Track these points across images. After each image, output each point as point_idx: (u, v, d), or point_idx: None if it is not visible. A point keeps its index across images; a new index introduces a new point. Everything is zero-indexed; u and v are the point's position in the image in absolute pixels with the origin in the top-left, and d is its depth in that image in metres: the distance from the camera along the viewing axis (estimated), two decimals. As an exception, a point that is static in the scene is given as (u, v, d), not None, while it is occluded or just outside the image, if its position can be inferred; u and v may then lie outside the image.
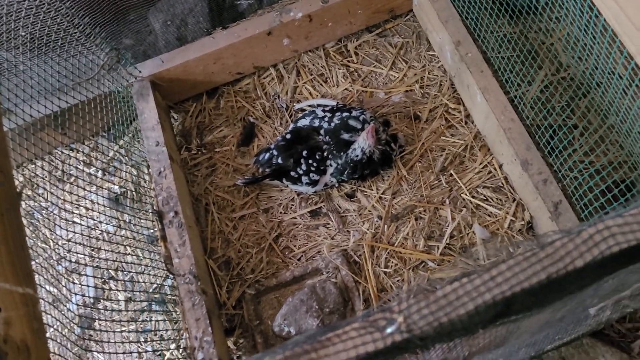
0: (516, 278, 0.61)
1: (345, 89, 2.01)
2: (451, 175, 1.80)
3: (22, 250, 0.83)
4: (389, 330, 0.61)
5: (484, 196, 1.75)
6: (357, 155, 1.74)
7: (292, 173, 1.79)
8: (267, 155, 1.83)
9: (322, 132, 1.80)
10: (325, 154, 1.79)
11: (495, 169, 1.77)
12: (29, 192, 1.92)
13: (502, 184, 1.75)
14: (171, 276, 1.74)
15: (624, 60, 1.26)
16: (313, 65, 2.07)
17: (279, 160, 1.79)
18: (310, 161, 1.77)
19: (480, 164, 1.79)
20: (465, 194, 1.76)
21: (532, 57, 1.78)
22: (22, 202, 1.63)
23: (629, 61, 1.17)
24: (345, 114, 1.81)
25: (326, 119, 1.82)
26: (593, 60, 1.57)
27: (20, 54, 1.35)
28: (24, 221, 0.94)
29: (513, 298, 0.61)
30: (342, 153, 1.77)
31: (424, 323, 0.61)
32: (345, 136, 1.78)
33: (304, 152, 1.78)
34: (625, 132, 1.53)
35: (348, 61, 2.06)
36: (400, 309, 0.62)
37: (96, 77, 1.59)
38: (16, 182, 1.37)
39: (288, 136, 1.82)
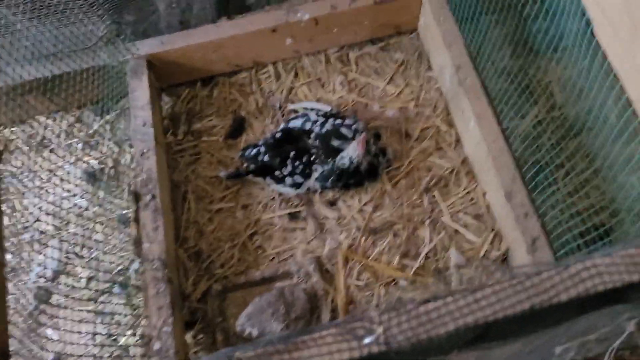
0: (500, 304, 0.60)
1: (341, 97, 2.00)
2: (434, 196, 1.79)
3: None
4: (366, 340, 0.60)
5: (464, 222, 1.75)
6: (345, 164, 1.73)
7: (277, 172, 1.77)
8: (254, 151, 1.80)
9: (312, 135, 1.79)
10: (312, 158, 1.77)
11: (478, 196, 1.77)
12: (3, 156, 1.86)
13: (484, 212, 1.75)
14: (138, 260, 1.70)
15: (618, 108, 1.28)
16: (312, 68, 2.06)
17: (266, 158, 1.77)
18: (297, 163, 1.76)
19: (465, 189, 1.79)
20: (446, 217, 1.75)
21: (529, 92, 1.80)
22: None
23: (623, 110, 1.19)
24: (338, 121, 1.80)
25: (318, 123, 1.80)
26: (588, 105, 1.60)
27: (19, 12, 1.31)
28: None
29: (494, 324, 0.60)
30: (329, 159, 1.75)
31: (402, 337, 0.60)
32: (335, 143, 1.76)
33: (292, 153, 1.76)
34: (610, 179, 1.55)
35: (348, 70, 2.05)
36: (381, 320, 0.61)
37: (93, 48, 1.55)
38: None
39: (278, 135, 1.80)
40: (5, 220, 1.72)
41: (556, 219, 1.51)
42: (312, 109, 1.91)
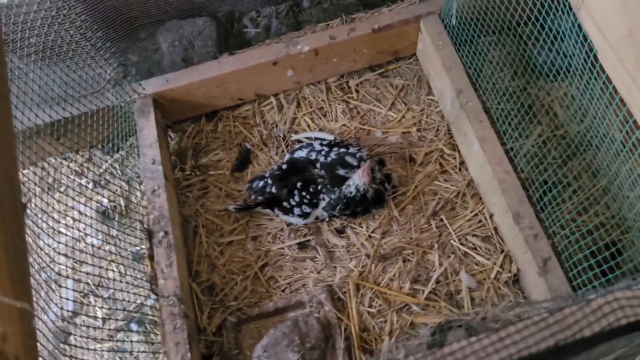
0: (524, 342, 0.62)
1: (344, 125, 2.04)
2: (442, 220, 1.82)
3: (23, 263, 0.82)
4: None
5: (473, 244, 1.77)
6: (351, 192, 1.76)
7: (285, 203, 1.79)
8: (261, 183, 1.83)
9: (318, 165, 1.82)
10: (319, 187, 1.79)
11: (485, 218, 1.79)
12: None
13: (492, 234, 1.77)
14: (152, 296, 1.71)
15: (618, 124, 1.30)
16: (314, 98, 2.10)
17: (273, 190, 1.80)
18: (304, 193, 1.78)
19: (472, 212, 1.82)
20: (455, 241, 1.77)
21: (533, 113, 1.83)
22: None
23: (623, 124, 1.21)
24: (342, 150, 1.83)
25: (323, 152, 1.83)
26: (587, 122, 1.63)
27: (31, 62, 1.34)
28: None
29: (519, 361, 0.62)
30: (336, 188, 1.78)
31: (429, 381, 0.61)
32: (341, 172, 1.79)
33: (299, 184, 1.79)
34: (621, 197, 1.57)
35: (348, 97, 2.09)
36: (407, 364, 0.62)
37: (101, 91, 1.58)
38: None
39: (284, 166, 1.83)
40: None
41: (567, 238, 1.53)
42: (315, 139, 1.94)
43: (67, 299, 1.71)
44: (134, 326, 1.72)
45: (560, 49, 1.62)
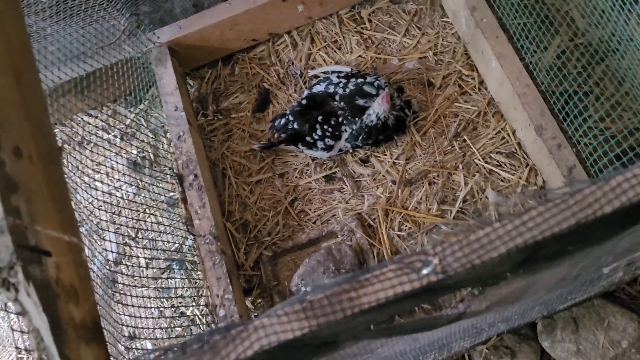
0: (547, 223, 0.64)
1: (359, 56, 2.03)
2: (464, 141, 1.82)
3: (66, 200, 0.87)
4: (424, 271, 0.65)
5: (497, 161, 1.78)
6: (372, 121, 1.77)
7: (308, 138, 1.82)
8: (283, 120, 1.85)
9: (337, 97, 1.83)
10: (340, 119, 1.81)
11: (508, 134, 1.80)
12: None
13: (516, 149, 1.78)
14: (191, 237, 1.79)
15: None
16: (327, 32, 2.08)
17: (295, 126, 1.82)
18: (326, 126, 1.80)
19: (494, 129, 1.82)
20: (479, 159, 1.79)
21: (549, 22, 1.79)
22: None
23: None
24: (359, 80, 1.83)
25: (341, 84, 1.84)
26: (611, 27, 1.59)
27: (47, 17, 1.37)
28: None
29: (543, 242, 0.65)
30: (356, 119, 1.79)
31: (457, 265, 0.65)
32: (360, 102, 1.80)
33: (319, 118, 1.81)
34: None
35: (362, 28, 2.07)
36: (435, 252, 0.66)
37: (117, 43, 1.60)
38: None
39: (303, 102, 1.84)
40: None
41: (590, 145, 1.53)
42: (332, 72, 1.94)
43: (110, 250, 1.79)
44: (175, 267, 1.81)
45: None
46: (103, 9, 1.53)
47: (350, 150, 1.87)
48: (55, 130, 1.77)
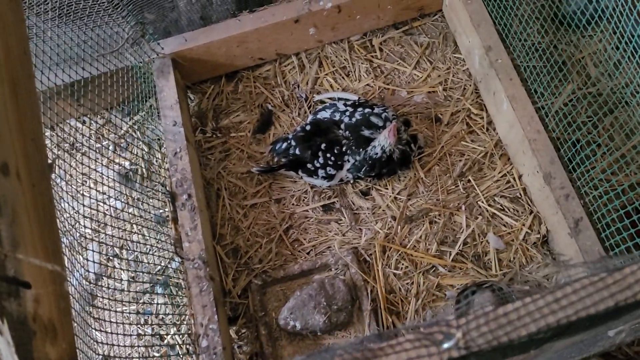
0: (582, 303, 0.59)
1: (367, 85, 1.98)
2: (469, 181, 1.77)
3: (52, 224, 0.80)
4: (445, 345, 0.59)
5: (501, 205, 1.73)
6: (377, 153, 1.72)
7: (309, 165, 1.76)
8: (285, 145, 1.79)
9: (342, 126, 1.77)
10: (343, 148, 1.76)
11: (514, 178, 1.75)
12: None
13: (520, 194, 1.73)
14: (177, 259, 1.71)
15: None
16: (336, 57, 2.04)
17: (297, 151, 1.76)
18: (328, 155, 1.75)
19: (500, 172, 1.77)
20: (482, 202, 1.74)
21: (559, 68, 1.76)
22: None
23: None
24: (367, 110, 1.78)
25: (347, 113, 1.79)
26: (627, 78, 1.56)
27: (48, 19, 1.30)
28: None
29: (577, 323, 0.59)
30: (361, 149, 1.74)
31: (482, 341, 0.59)
32: (366, 132, 1.75)
33: (323, 145, 1.75)
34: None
35: (372, 56, 2.03)
36: (459, 324, 0.60)
37: (120, 50, 1.54)
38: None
39: (308, 127, 1.79)
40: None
41: (599, 199, 1.48)
42: (339, 99, 1.89)
43: (93, 261, 1.71)
44: (158, 289, 1.73)
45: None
46: (108, 14, 1.46)
47: (351, 181, 1.81)
48: (47, 133, 1.69)
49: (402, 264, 1.69)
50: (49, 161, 0.85)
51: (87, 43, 1.48)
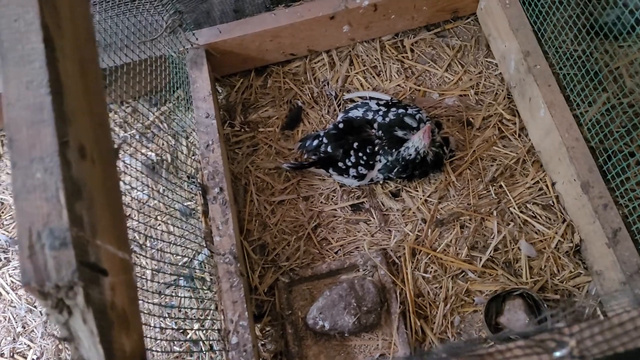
0: None
1: (398, 85, 1.96)
2: (501, 187, 1.76)
3: (120, 211, 0.77)
4: (558, 353, 0.57)
5: (533, 212, 1.72)
6: (411, 155, 1.69)
7: (340, 164, 1.73)
8: (316, 142, 1.77)
9: (375, 125, 1.75)
10: (376, 148, 1.73)
11: (547, 186, 1.73)
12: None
13: (553, 202, 1.71)
14: (204, 252, 1.68)
15: None
16: (367, 56, 2.01)
17: (328, 149, 1.74)
18: (360, 154, 1.72)
19: (532, 179, 1.75)
20: (514, 208, 1.72)
21: (597, 77, 1.74)
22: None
23: None
24: (400, 111, 1.76)
25: (381, 112, 1.76)
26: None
27: (97, 2, 1.27)
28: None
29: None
30: (393, 150, 1.72)
31: (597, 351, 0.57)
32: (400, 133, 1.73)
33: (355, 144, 1.73)
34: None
35: (403, 57, 2.01)
36: (572, 332, 0.58)
37: (158, 39, 1.50)
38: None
39: (340, 125, 1.76)
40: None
41: (639, 210, 1.47)
42: (371, 98, 1.86)
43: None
44: (183, 282, 1.69)
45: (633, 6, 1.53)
46: (149, 2, 1.43)
47: (381, 182, 1.79)
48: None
49: (432, 268, 1.67)
50: (115, 146, 0.82)
51: (123, 29, 1.44)
